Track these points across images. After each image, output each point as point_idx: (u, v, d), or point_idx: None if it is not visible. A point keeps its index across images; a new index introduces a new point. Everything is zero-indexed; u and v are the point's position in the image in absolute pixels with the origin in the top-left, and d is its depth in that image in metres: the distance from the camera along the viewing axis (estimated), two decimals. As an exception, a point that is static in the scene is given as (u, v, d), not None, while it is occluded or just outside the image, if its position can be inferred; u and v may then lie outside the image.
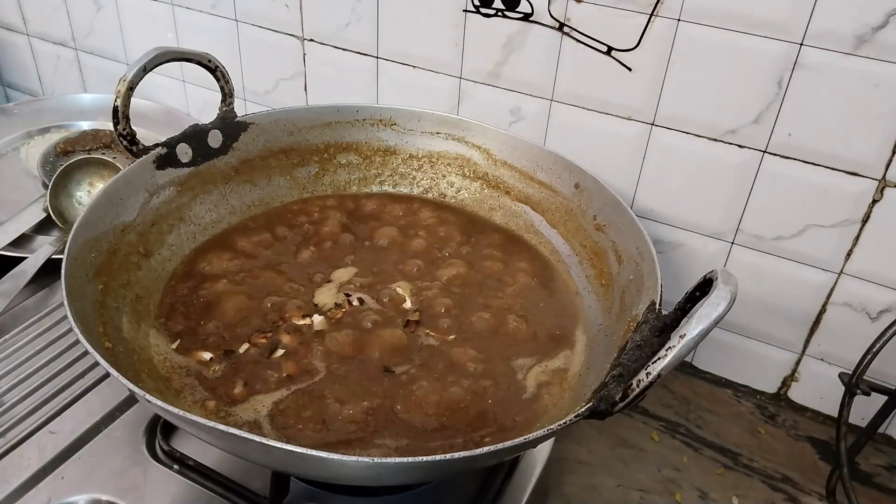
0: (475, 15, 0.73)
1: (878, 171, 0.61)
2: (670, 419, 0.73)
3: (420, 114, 0.75)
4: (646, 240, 0.57)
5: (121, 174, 0.61)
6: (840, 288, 0.67)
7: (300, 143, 0.75)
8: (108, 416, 0.62)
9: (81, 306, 0.50)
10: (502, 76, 0.75)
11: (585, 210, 0.67)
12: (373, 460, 0.39)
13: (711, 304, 0.40)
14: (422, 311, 0.61)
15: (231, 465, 0.57)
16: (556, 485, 0.64)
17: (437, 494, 0.57)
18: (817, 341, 0.71)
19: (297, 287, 0.63)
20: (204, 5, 0.91)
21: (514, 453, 0.55)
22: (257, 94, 0.95)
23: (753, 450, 0.70)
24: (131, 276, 0.59)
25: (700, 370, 0.79)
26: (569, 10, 0.68)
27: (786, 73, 0.61)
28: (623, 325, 0.54)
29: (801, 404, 0.75)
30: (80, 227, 0.55)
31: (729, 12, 0.61)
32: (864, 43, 0.57)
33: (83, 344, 0.44)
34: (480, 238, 0.71)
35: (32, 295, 0.76)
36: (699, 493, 0.65)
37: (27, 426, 0.60)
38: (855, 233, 0.64)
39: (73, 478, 0.56)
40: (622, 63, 0.68)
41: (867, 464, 0.69)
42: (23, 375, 0.65)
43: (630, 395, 0.42)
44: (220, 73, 0.66)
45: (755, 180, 0.67)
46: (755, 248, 0.70)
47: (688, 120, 0.67)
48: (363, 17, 0.80)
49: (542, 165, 0.71)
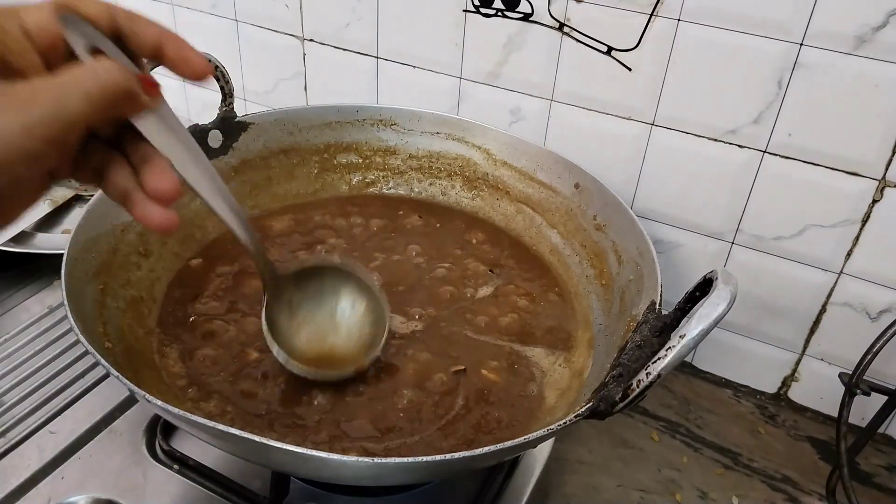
0: (475, 15, 0.73)
1: (878, 171, 0.61)
2: (670, 419, 0.73)
3: (420, 114, 0.75)
4: (646, 240, 0.57)
5: (121, 174, 0.61)
6: (840, 288, 0.67)
7: (300, 143, 0.75)
8: (108, 416, 0.62)
9: (81, 306, 0.50)
10: (502, 76, 0.75)
11: (585, 210, 0.67)
12: (373, 460, 0.39)
13: (711, 304, 0.40)
14: (420, 317, 0.61)
15: (231, 465, 0.57)
16: (556, 485, 0.64)
17: (437, 494, 0.57)
18: (817, 341, 0.71)
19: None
20: (204, 5, 0.91)
21: (514, 453, 0.55)
22: (257, 94, 0.95)
23: (753, 450, 0.70)
24: (131, 276, 0.59)
25: (700, 370, 0.79)
26: (569, 10, 0.68)
27: (786, 73, 0.61)
28: (623, 325, 0.54)
29: (801, 404, 0.75)
30: (80, 227, 0.55)
31: (729, 12, 0.61)
32: (864, 43, 0.57)
33: (83, 344, 0.44)
34: (480, 238, 0.71)
35: (32, 295, 0.76)
36: (699, 493, 0.65)
37: (27, 426, 0.60)
38: (855, 233, 0.64)
39: (73, 478, 0.56)
40: (622, 63, 0.68)
41: (867, 464, 0.69)
42: (23, 375, 0.65)
43: (630, 395, 0.42)
44: (220, 73, 0.66)
45: (755, 180, 0.67)
46: (755, 248, 0.70)
47: (688, 120, 0.67)
48: (363, 17, 0.80)
49: (542, 165, 0.71)
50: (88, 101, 0.30)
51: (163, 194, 0.35)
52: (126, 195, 0.35)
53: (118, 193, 0.36)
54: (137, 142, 0.35)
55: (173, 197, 0.35)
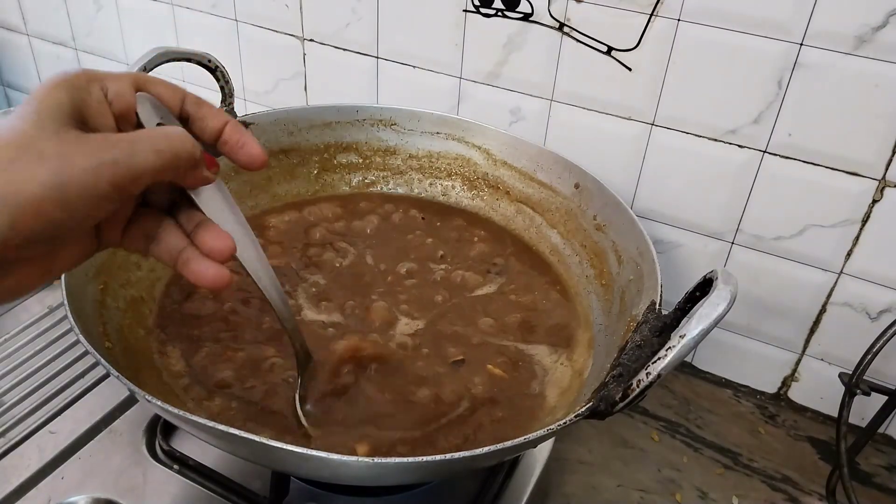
0: (475, 15, 0.73)
1: (878, 171, 0.61)
2: (670, 419, 0.73)
3: (420, 114, 0.75)
4: (646, 240, 0.57)
5: (121, 174, 0.61)
6: (840, 288, 0.67)
7: (300, 143, 0.75)
8: (108, 416, 0.62)
9: (81, 306, 0.50)
10: (502, 76, 0.75)
11: (585, 210, 0.67)
12: (373, 460, 0.39)
13: (711, 304, 0.40)
14: (421, 316, 0.61)
15: (231, 465, 0.57)
16: (556, 485, 0.64)
17: (437, 494, 0.57)
18: (817, 341, 0.71)
19: (293, 289, 0.63)
20: (204, 5, 0.91)
21: (514, 453, 0.55)
22: (257, 94, 0.95)
23: (753, 450, 0.70)
24: (131, 276, 0.59)
25: (700, 370, 0.79)
26: (569, 10, 0.68)
27: (786, 73, 0.61)
28: (623, 325, 0.54)
29: (801, 404, 0.75)
30: (80, 227, 0.55)
31: (729, 12, 0.61)
32: (864, 43, 0.57)
33: (83, 344, 0.44)
34: (481, 237, 0.71)
35: (32, 295, 0.76)
36: (699, 493, 0.65)
37: (27, 426, 0.60)
38: (855, 233, 0.64)
39: (73, 478, 0.56)
40: (622, 63, 0.68)
41: (867, 464, 0.69)
42: (23, 375, 0.65)
43: (630, 395, 0.42)
44: (220, 73, 0.66)
45: (755, 180, 0.67)
46: (755, 248, 0.70)
47: (688, 120, 0.67)
48: (363, 17, 0.80)
49: (542, 165, 0.71)
50: (158, 155, 0.33)
51: (220, 251, 0.37)
52: (178, 256, 0.37)
53: (169, 253, 0.37)
54: (192, 212, 0.38)
55: (229, 254, 0.37)
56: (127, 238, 0.38)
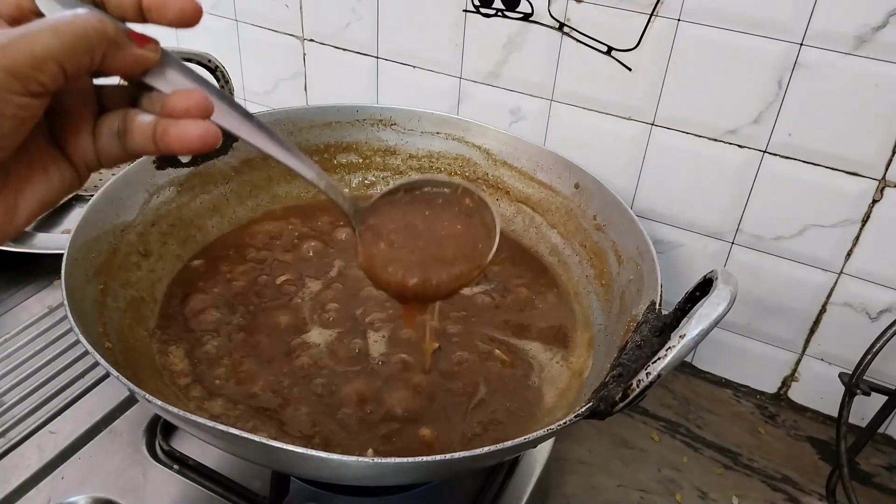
0: (475, 15, 0.73)
1: (878, 171, 0.61)
2: (670, 419, 0.73)
3: (420, 114, 0.75)
4: (646, 240, 0.57)
5: (120, 174, 0.61)
6: (840, 288, 0.67)
7: (300, 143, 0.74)
8: (108, 416, 0.62)
9: (81, 306, 0.50)
10: (502, 76, 0.75)
11: (585, 210, 0.67)
12: (373, 460, 0.39)
13: (711, 304, 0.40)
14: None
15: (231, 465, 0.57)
16: (556, 485, 0.64)
17: (437, 494, 0.57)
18: (817, 341, 0.71)
19: (293, 290, 0.63)
20: (204, 5, 0.90)
21: (514, 453, 0.55)
22: (257, 94, 0.95)
23: (753, 450, 0.70)
24: (131, 276, 0.59)
25: (700, 370, 0.79)
26: (569, 10, 0.68)
27: (786, 73, 0.61)
28: (623, 325, 0.54)
29: (801, 404, 0.75)
30: (80, 227, 0.55)
31: (729, 12, 0.61)
32: (864, 43, 0.57)
33: (83, 344, 0.44)
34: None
35: (32, 295, 0.76)
36: (699, 493, 0.65)
37: (27, 426, 0.60)
38: (855, 233, 0.64)
39: (73, 478, 0.56)
40: (622, 63, 0.68)
41: (867, 464, 0.69)
42: (23, 375, 0.65)
43: (630, 395, 0.42)
44: (220, 73, 0.66)
45: (755, 180, 0.67)
46: (755, 248, 0.70)
47: (688, 120, 0.67)
48: (363, 17, 0.80)
49: (541, 165, 0.71)
50: (58, 37, 0.30)
51: (196, 103, 0.33)
52: (154, 133, 0.34)
53: (144, 135, 0.34)
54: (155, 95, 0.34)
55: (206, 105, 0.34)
56: (100, 150, 0.34)
